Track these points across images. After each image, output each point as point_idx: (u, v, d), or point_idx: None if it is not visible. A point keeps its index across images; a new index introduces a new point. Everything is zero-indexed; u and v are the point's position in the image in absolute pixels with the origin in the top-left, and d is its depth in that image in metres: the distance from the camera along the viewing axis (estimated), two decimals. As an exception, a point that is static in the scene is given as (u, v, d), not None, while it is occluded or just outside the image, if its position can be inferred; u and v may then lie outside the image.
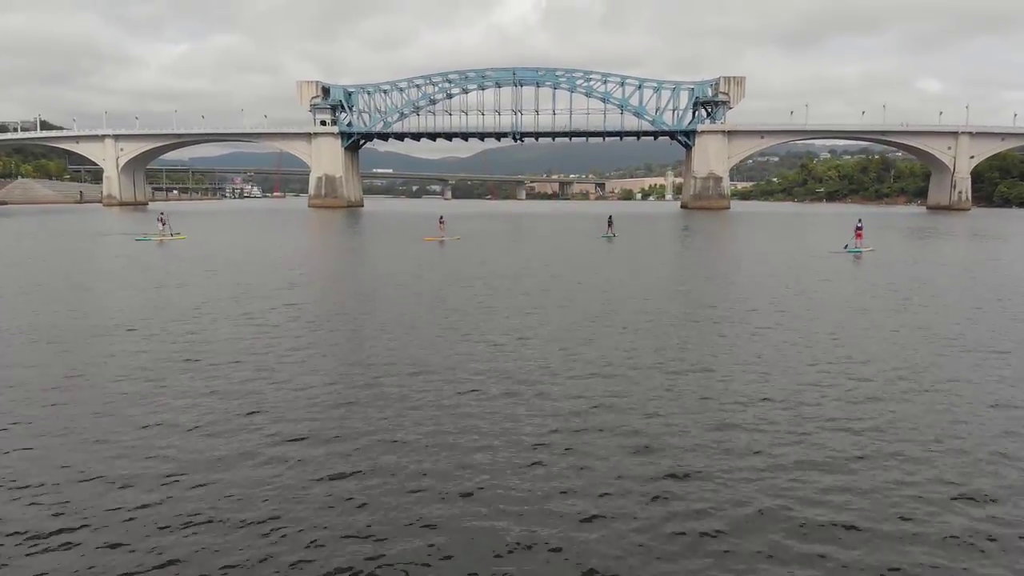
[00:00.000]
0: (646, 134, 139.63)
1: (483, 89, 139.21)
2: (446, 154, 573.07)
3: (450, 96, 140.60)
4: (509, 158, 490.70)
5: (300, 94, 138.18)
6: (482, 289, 22.50)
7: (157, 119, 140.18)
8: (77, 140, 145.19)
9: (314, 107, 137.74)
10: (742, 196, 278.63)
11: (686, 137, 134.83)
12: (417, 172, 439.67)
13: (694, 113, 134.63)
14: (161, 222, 49.65)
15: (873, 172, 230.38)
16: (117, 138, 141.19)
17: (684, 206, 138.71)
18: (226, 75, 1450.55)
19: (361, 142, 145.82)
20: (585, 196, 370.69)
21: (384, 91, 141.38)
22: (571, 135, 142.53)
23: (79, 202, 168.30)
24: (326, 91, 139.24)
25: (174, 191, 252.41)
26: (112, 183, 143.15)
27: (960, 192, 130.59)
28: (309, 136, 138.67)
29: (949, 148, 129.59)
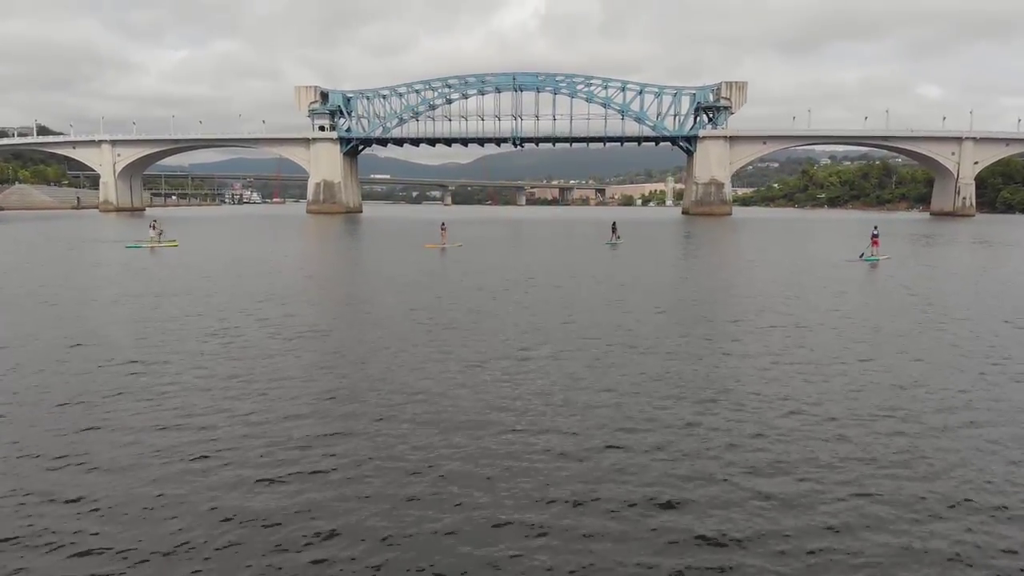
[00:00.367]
0: (647, 139, 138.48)
1: (483, 94, 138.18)
2: (446, 160, 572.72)
3: (450, 101, 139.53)
4: (509, 164, 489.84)
5: (298, 99, 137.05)
6: (482, 302, 21.15)
7: (157, 125, 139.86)
8: (74, 145, 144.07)
9: (313, 112, 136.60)
10: (743, 202, 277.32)
11: (687, 143, 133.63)
12: (416, 178, 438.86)
13: (695, 118, 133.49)
14: (153, 228, 48.48)
15: (874, 178, 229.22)
16: (114, 143, 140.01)
17: (686, 212, 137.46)
18: (226, 81, 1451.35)
19: (360, 148, 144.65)
20: (585, 202, 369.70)
21: (383, 96, 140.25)
22: (571, 140, 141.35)
23: (76, 208, 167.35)
24: (325, 96, 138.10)
25: (172, 197, 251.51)
26: (108, 189, 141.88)
27: (964, 198, 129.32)
28: (307, 141, 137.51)
29: (953, 153, 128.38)
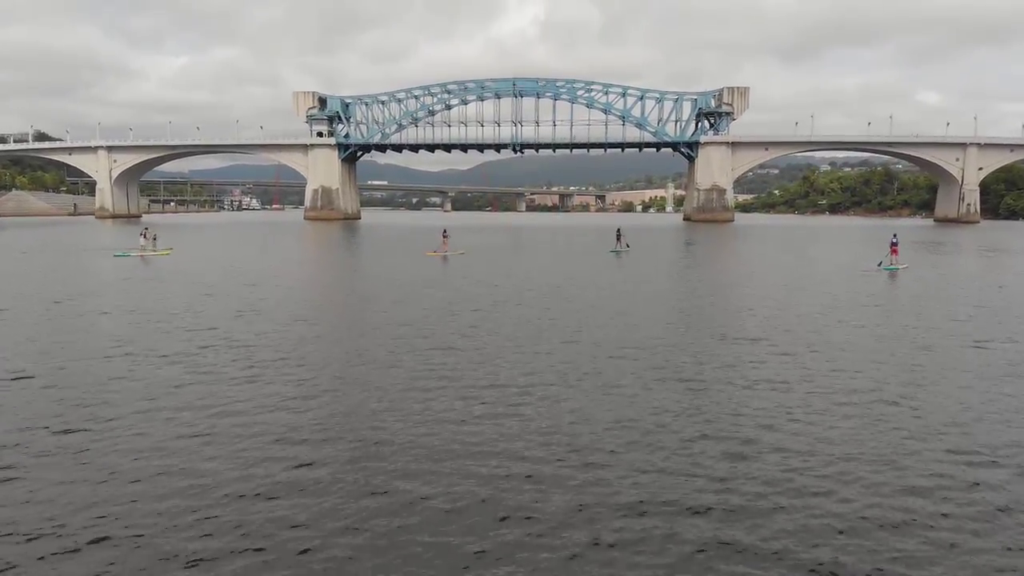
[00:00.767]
0: (648, 145, 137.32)
1: (482, 100, 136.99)
2: (446, 166, 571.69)
3: (449, 107, 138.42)
4: (509, 170, 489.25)
5: (296, 105, 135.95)
6: (484, 318, 19.73)
7: (157, 131, 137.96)
8: (70, 152, 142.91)
9: (311, 118, 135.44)
10: (743, 208, 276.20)
11: (689, 148, 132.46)
12: (416, 184, 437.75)
13: (697, 124, 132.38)
14: (143, 236, 47.11)
15: (876, 184, 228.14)
16: (110, 149, 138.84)
17: (687, 218, 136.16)
18: (226, 87, 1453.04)
19: (359, 154, 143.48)
20: (585, 208, 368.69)
21: (382, 102, 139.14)
22: (572, 147, 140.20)
23: (73, 214, 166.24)
24: (323, 102, 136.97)
25: (171, 203, 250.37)
26: (105, 195, 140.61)
27: (969, 204, 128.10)
28: (305, 147, 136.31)
29: (957, 159, 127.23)
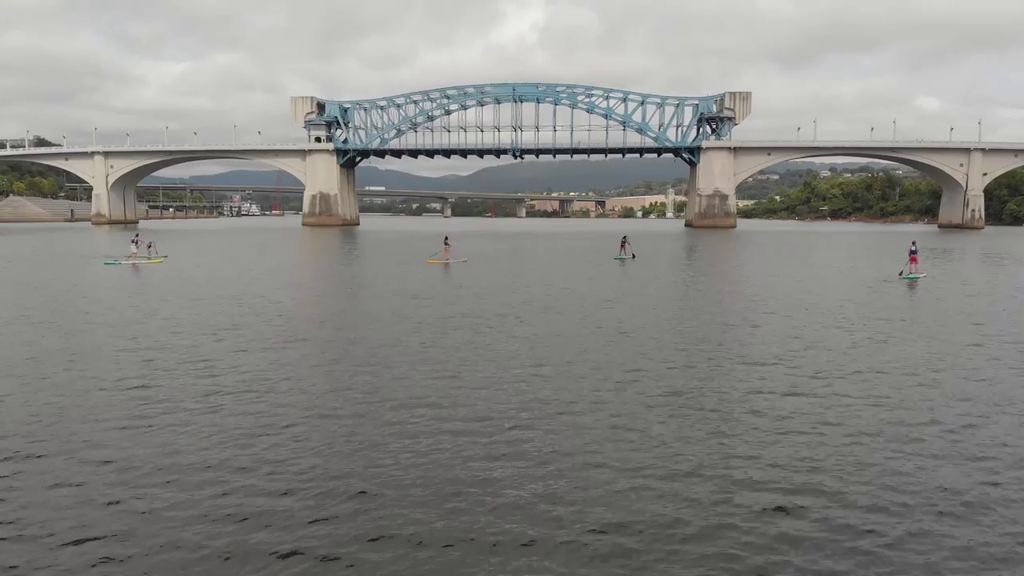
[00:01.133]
0: (649, 151, 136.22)
1: (482, 105, 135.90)
2: (446, 172, 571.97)
3: (448, 113, 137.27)
4: (509, 176, 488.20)
5: (294, 110, 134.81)
6: (482, 338, 18.41)
7: (157, 137, 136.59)
8: (67, 157, 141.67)
9: (309, 123, 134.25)
10: (744, 214, 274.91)
11: (690, 154, 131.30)
12: (415, 190, 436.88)
13: (698, 129, 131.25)
14: (134, 243, 45.80)
15: (878, 190, 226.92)
16: (107, 155, 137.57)
17: (689, 224, 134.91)
18: (226, 93, 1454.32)
19: (357, 159, 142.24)
20: (586, 214, 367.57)
21: (381, 107, 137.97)
22: (572, 152, 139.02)
23: (70, 220, 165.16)
24: (321, 107, 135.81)
25: (170, 209, 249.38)
26: (101, 201, 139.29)
27: (973, 210, 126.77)
28: (303, 153, 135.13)
29: (961, 165, 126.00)
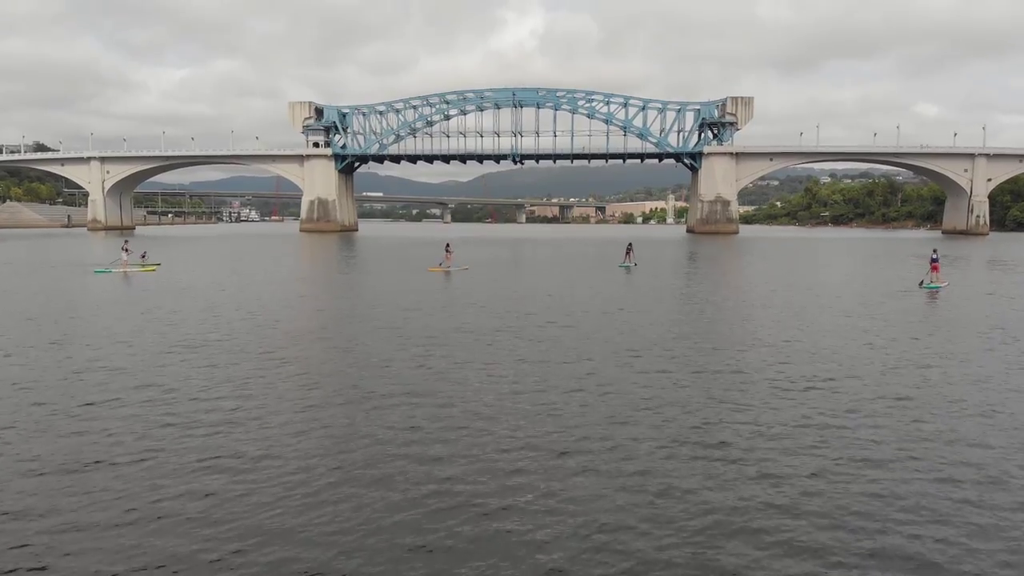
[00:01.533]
0: (650, 156, 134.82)
1: (481, 111, 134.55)
2: (446, 178, 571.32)
3: (448, 118, 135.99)
4: (509, 182, 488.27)
5: (292, 115, 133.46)
6: (485, 356, 17.00)
7: (157, 143, 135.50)
8: (62, 163, 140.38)
9: (307, 128, 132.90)
10: (745, 220, 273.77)
11: (692, 159, 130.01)
12: (414, 196, 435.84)
13: (700, 135, 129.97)
14: (125, 250, 44.37)
15: (879, 196, 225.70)
16: (103, 160, 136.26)
17: (691, 230, 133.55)
18: (226, 100, 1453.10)
19: (356, 165, 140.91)
20: (586, 220, 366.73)
21: (380, 112, 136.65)
22: (573, 157, 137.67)
23: (66, 226, 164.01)
24: (319, 112, 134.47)
25: (168, 215, 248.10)
26: (97, 207, 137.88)
27: (978, 216, 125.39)
28: (301, 158, 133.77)
29: (966, 170, 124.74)
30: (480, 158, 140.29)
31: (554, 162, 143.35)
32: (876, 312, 23.60)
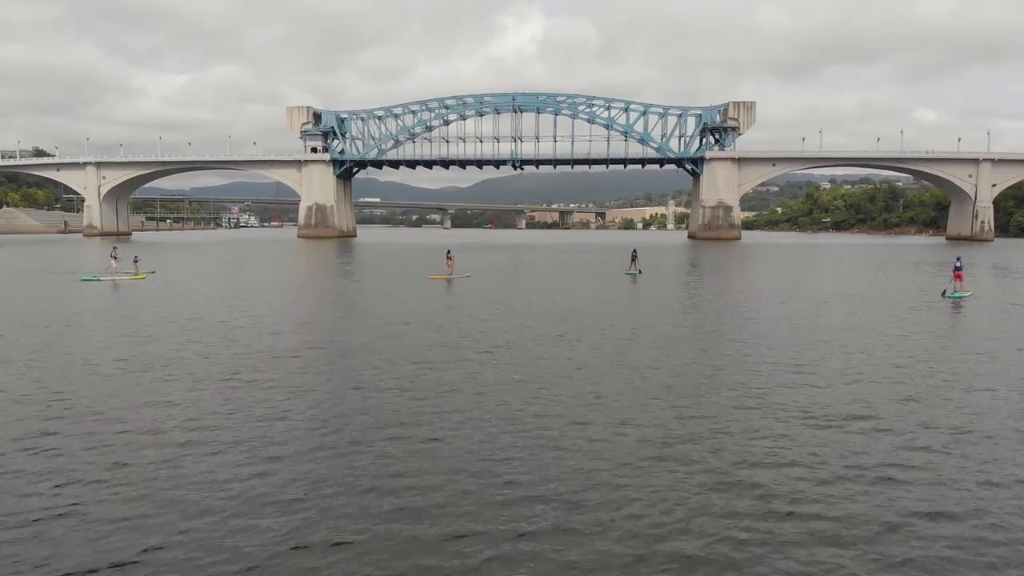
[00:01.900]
0: (652, 161, 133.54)
1: (481, 116, 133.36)
2: (446, 184, 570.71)
3: (447, 123, 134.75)
4: (508, 188, 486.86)
5: (290, 120, 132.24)
6: (481, 380, 15.56)
7: (153, 149, 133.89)
8: (58, 168, 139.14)
9: (305, 134, 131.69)
10: (745, 225, 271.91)
11: (694, 164, 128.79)
12: (414, 201, 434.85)
13: (702, 140, 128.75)
14: (113, 257, 42.96)
15: (881, 201, 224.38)
16: (99, 166, 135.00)
17: (692, 236, 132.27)
18: (227, 105, 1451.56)
19: (354, 170, 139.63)
20: (586, 225, 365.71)
21: (378, 117, 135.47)
22: (573, 163, 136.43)
23: (63, 232, 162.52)
24: (317, 117, 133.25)
25: (167, 221, 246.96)
26: (93, 212, 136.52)
27: (983, 222, 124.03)
28: (299, 164, 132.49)
29: (970, 176, 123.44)
30: (480, 163, 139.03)
31: (554, 167, 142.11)
32: (903, 327, 21.92)
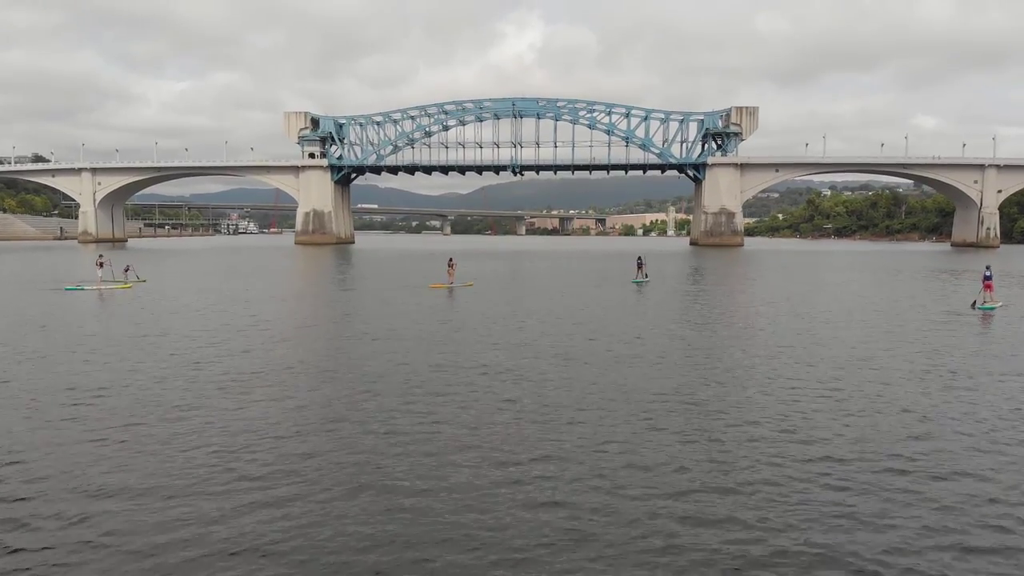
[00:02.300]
0: (653, 167, 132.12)
1: (481, 121, 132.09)
2: (446, 190, 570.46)
3: (446, 128, 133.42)
4: (508, 194, 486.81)
5: (288, 126, 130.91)
6: (480, 411, 14.04)
7: (150, 155, 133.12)
8: (53, 174, 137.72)
9: (302, 139, 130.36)
10: (746, 232, 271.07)
11: (696, 170, 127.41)
12: (414, 208, 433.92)
13: (703, 145, 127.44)
14: (99, 265, 41.53)
15: (883, 208, 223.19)
16: (95, 171, 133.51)
17: (694, 243, 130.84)
18: (226, 112, 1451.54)
19: (353, 176, 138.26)
20: (586, 231, 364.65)
21: (377, 123, 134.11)
22: (573, 168, 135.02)
23: (59, 238, 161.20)
24: (315, 122, 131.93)
25: (165, 227, 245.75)
26: (88, 219, 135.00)
27: (988, 228, 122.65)
28: (296, 170, 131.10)
29: (976, 182, 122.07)
30: (479, 169, 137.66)
31: (555, 173, 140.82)
32: (936, 343, 20.20)
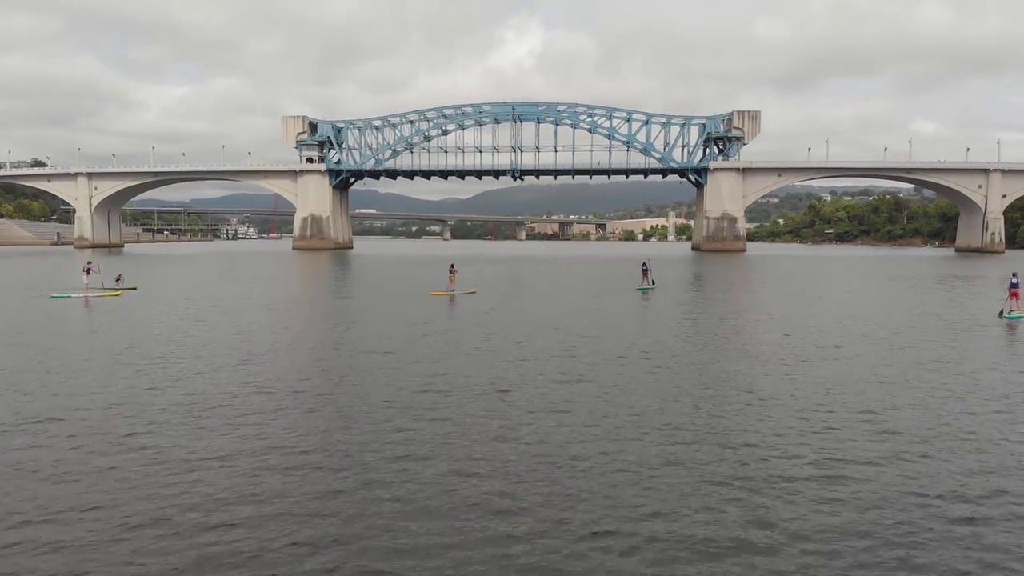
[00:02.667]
0: (654, 172, 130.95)
1: (480, 126, 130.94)
2: (446, 195, 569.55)
3: (445, 133, 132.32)
4: (508, 199, 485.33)
5: (285, 130, 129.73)
6: (482, 441, 12.79)
7: (156, 160, 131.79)
8: (49, 178, 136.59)
9: (300, 144, 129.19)
10: (747, 237, 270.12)
11: (698, 175, 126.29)
12: (414, 213, 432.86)
13: (705, 150, 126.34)
14: (87, 272, 40.25)
15: (885, 212, 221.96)
16: (91, 176, 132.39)
17: (696, 248, 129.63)
18: (226, 117, 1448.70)
19: (351, 180, 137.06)
20: (586, 237, 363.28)
21: (376, 127, 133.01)
22: (574, 173, 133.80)
23: (56, 243, 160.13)
24: (313, 127, 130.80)
25: (164, 232, 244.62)
26: (84, 224, 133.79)
27: (993, 233, 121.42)
28: (294, 174, 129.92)
29: (980, 186, 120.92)
30: (479, 174, 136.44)
31: (555, 178, 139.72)
32: (974, 359, 19.10)
